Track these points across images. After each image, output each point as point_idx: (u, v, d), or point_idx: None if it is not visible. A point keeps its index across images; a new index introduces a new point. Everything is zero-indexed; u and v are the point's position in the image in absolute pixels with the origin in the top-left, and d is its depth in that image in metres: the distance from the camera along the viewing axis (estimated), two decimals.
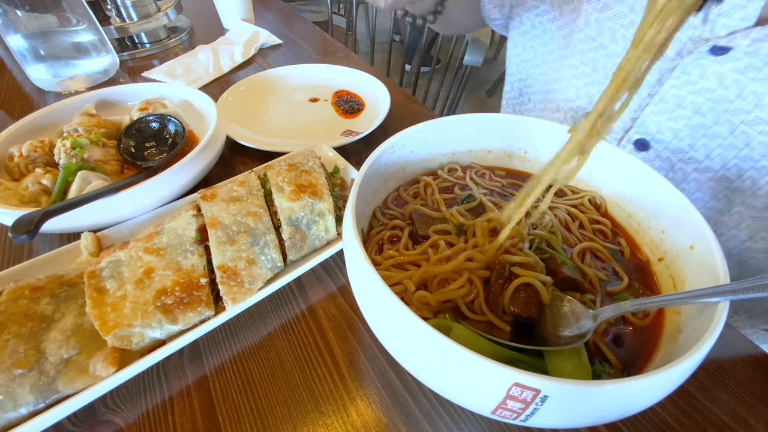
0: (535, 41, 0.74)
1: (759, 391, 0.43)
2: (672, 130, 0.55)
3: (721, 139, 0.52)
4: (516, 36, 0.77)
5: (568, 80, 0.65)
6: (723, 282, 0.33)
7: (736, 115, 0.50)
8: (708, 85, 0.50)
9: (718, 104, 0.50)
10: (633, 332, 0.39)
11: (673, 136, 0.56)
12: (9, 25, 0.85)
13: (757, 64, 0.46)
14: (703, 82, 0.50)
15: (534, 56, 0.75)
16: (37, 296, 0.43)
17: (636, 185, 0.46)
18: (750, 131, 0.49)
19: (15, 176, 0.63)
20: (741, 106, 0.49)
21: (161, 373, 0.45)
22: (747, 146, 0.50)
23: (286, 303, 0.52)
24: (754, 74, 0.47)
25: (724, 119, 0.51)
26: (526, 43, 0.75)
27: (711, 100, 0.50)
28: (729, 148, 0.52)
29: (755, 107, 0.48)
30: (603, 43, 0.58)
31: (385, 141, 0.46)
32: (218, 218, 0.50)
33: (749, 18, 0.45)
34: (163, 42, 1.14)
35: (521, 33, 0.75)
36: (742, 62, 0.47)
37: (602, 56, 0.59)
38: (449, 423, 0.41)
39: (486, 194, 0.50)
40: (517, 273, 0.39)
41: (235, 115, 0.83)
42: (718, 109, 0.51)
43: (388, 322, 0.34)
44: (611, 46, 0.58)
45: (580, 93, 0.65)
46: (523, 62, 0.78)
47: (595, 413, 0.29)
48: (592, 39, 0.59)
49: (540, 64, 0.75)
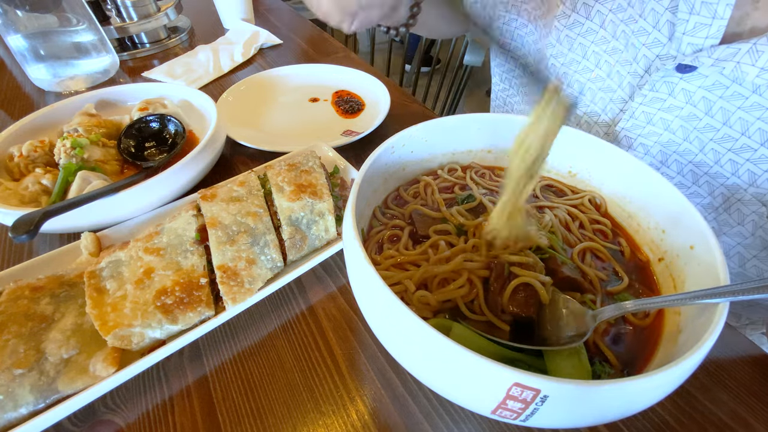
0: (509, 74, 0.75)
1: (759, 391, 0.43)
2: (643, 146, 0.55)
3: (692, 156, 0.52)
4: (493, 67, 0.77)
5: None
6: (723, 282, 0.33)
7: (705, 133, 0.50)
8: (676, 102, 0.50)
9: (687, 122, 0.50)
10: (633, 332, 0.39)
11: (644, 152, 0.56)
12: (9, 25, 0.85)
13: (724, 81, 0.46)
14: (671, 100, 0.50)
15: (514, 67, 0.76)
16: (37, 296, 0.43)
17: (636, 185, 0.46)
18: (719, 149, 0.49)
19: (15, 176, 0.63)
20: (710, 123, 0.49)
21: (161, 373, 0.45)
22: (717, 164, 0.50)
23: (286, 303, 0.52)
24: (722, 92, 0.46)
25: (694, 137, 0.51)
26: (503, 74, 0.76)
27: (680, 117, 0.50)
28: (700, 165, 0.52)
29: (723, 125, 0.48)
30: (575, 58, 0.58)
31: (385, 141, 0.46)
32: (218, 218, 0.50)
33: (714, 36, 0.44)
34: (163, 42, 1.14)
35: (496, 65, 0.76)
36: (709, 80, 0.47)
37: (574, 71, 0.59)
38: (449, 423, 0.41)
39: (486, 194, 0.50)
40: (516, 273, 0.39)
41: (235, 115, 0.83)
42: (687, 127, 0.51)
43: (388, 322, 0.34)
44: (584, 62, 0.58)
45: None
46: (504, 72, 0.79)
47: (595, 413, 0.29)
48: (564, 55, 0.59)
49: (520, 75, 0.75)
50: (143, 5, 1.07)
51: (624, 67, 0.53)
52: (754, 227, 0.51)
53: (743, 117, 0.46)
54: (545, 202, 0.50)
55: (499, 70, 0.81)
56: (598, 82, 0.57)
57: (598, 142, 0.48)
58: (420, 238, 0.46)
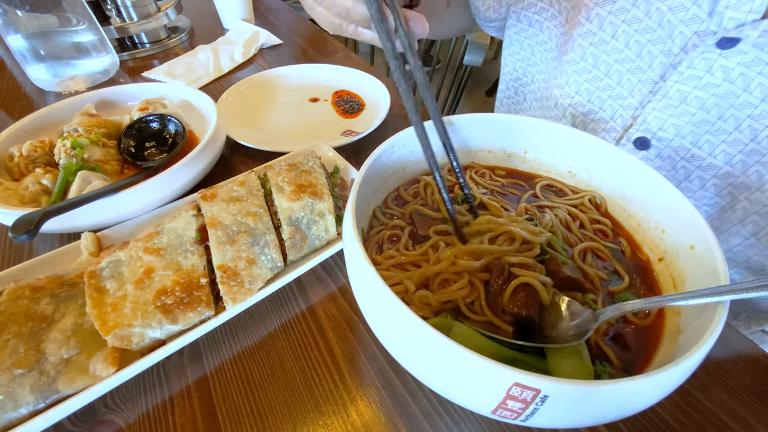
0: (532, 39, 0.73)
1: (759, 391, 0.43)
2: (675, 127, 0.55)
3: (725, 135, 0.52)
4: (512, 35, 0.76)
5: (568, 76, 0.65)
6: (723, 282, 0.33)
7: (742, 110, 0.49)
8: (713, 80, 0.50)
9: (724, 99, 0.50)
10: (634, 332, 0.39)
11: (675, 133, 0.55)
12: (9, 25, 0.85)
13: (764, 57, 0.46)
14: (708, 77, 0.50)
15: (531, 54, 0.75)
16: (37, 296, 0.43)
17: (636, 185, 0.46)
18: (756, 125, 0.49)
19: (15, 176, 0.63)
20: (748, 100, 0.49)
21: (161, 373, 0.45)
22: (753, 141, 0.50)
23: (286, 303, 0.52)
24: (761, 68, 0.47)
25: (729, 114, 0.50)
26: (523, 41, 0.75)
27: (716, 95, 0.50)
28: (734, 144, 0.51)
29: (762, 101, 0.48)
30: (604, 38, 0.58)
31: (385, 141, 0.46)
32: (218, 218, 0.50)
33: (757, 11, 0.45)
34: (163, 42, 1.14)
35: (518, 31, 0.75)
36: (749, 56, 0.47)
37: (602, 52, 0.59)
38: (449, 423, 0.41)
39: (486, 194, 0.50)
40: (516, 273, 0.39)
41: (235, 115, 0.83)
42: (723, 105, 0.50)
43: (388, 322, 0.34)
44: (612, 42, 0.57)
45: (580, 89, 0.64)
46: (519, 61, 0.78)
47: (595, 413, 0.29)
48: (593, 34, 0.59)
49: (538, 62, 0.74)
50: (143, 5, 1.07)
51: (656, 47, 0.53)
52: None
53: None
54: (545, 202, 0.50)
55: (512, 59, 0.80)
56: (626, 63, 0.57)
57: (598, 142, 0.48)
58: (420, 238, 0.46)
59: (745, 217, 0.55)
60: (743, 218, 0.55)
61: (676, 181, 0.58)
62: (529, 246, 0.42)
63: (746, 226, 0.55)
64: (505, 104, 0.87)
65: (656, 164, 0.59)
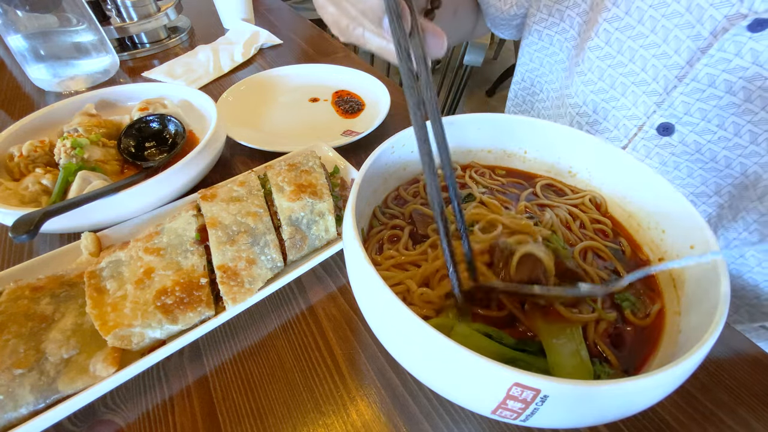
0: (541, 52, 0.74)
1: (759, 391, 0.43)
2: (701, 111, 0.55)
3: (751, 116, 0.52)
4: (524, 46, 0.77)
5: (591, 62, 0.65)
6: (723, 282, 0.33)
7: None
8: (742, 63, 0.50)
9: (751, 82, 0.50)
10: (633, 332, 0.39)
11: (701, 117, 0.55)
12: (9, 25, 0.85)
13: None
14: (737, 60, 0.50)
15: (540, 65, 0.75)
16: (37, 296, 0.43)
17: (636, 185, 0.46)
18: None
19: (15, 176, 0.63)
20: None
21: (161, 373, 0.45)
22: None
23: (286, 303, 0.52)
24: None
25: (756, 95, 0.51)
26: (533, 54, 0.76)
27: (744, 78, 0.51)
28: (760, 123, 0.52)
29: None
30: (630, 23, 0.58)
31: (385, 141, 0.46)
32: (218, 218, 0.50)
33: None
34: (163, 42, 1.14)
35: (528, 44, 0.76)
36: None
37: (628, 37, 0.59)
38: (449, 423, 0.41)
39: (486, 193, 0.50)
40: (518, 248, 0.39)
41: (235, 115, 0.83)
42: (750, 87, 0.51)
43: (388, 322, 0.34)
44: (639, 27, 0.57)
45: (587, 100, 0.64)
46: (528, 72, 0.79)
47: (595, 413, 0.29)
48: (620, 19, 0.59)
49: (547, 73, 0.75)
50: (143, 5, 1.07)
51: (684, 31, 0.53)
52: None
53: None
54: (545, 200, 0.50)
55: (522, 69, 0.80)
56: (651, 49, 0.57)
57: (598, 142, 0.48)
58: (420, 238, 0.46)
59: (765, 194, 0.55)
60: (763, 195, 0.55)
61: (701, 162, 0.58)
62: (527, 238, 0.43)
63: (764, 203, 0.55)
64: (512, 111, 0.87)
65: (679, 149, 0.59)
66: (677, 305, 0.38)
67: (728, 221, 0.59)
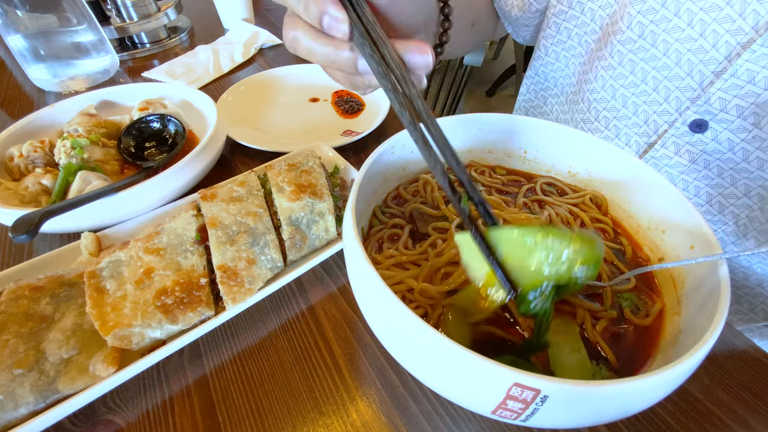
0: (558, 46, 0.72)
1: (759, 391, 0.43)
2: (738, 108, 0.53)
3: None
4: (541, 39, 0.75)
5: (604, 80, 0.64)
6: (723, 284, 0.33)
7: None
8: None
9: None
10: (633, 332, 0.39)
11: (738, 114, 0.54)
12: (9, 25, 0.85)
13: None
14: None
15: (556, 59, 0.74)
16: (37, 296, 0.44)
17: (636, 185, 0.46)
18: None
19: (15, 176, 0.63)
20: None
21: (161, 373, 0.45)
22: None
23: (286, 303, 0.52)
24: None
25: None
26: (549, 47, 0.74)
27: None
28: None
29: None
30: (666, 15, 0.56)
31: (385, 141, 0.46)
32: (218, 218, 0.50)
33: None
34: (163, 42, 1.14)
35: (545, 36, 0.74)
36: None
37: (663, 30, 0.57)
38: (449, 423, 0.41)
39: (485, 191, 0.51)
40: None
41: (235, 115, 0.83)
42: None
43: (388, 322, 0.34)
44: (675, 20, 0.55)
45: (616, 94, 0.63)
46: (543, 66, 0.77)
47: (596, 413, 0.29)
48: (655, 11, 0.57)
49: (563, 68, 0.74)
50: (143, 5, 1.07)
51: (723, 25, 0.52)
52: None
53: None
54: (545, 198, 0.50)
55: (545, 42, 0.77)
56: (687, 43, 0.55)
57: (597, 142, 0.48)
58: (421, 237, 0.46)
59: None
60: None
61: (733, 162, 0.57)
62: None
63: None
64: (523, 107, 0.86)
65: (711, 147, 0.57)
66: (677, 305, 0.38)
67: (760, 224, 0.58)
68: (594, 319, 0.39)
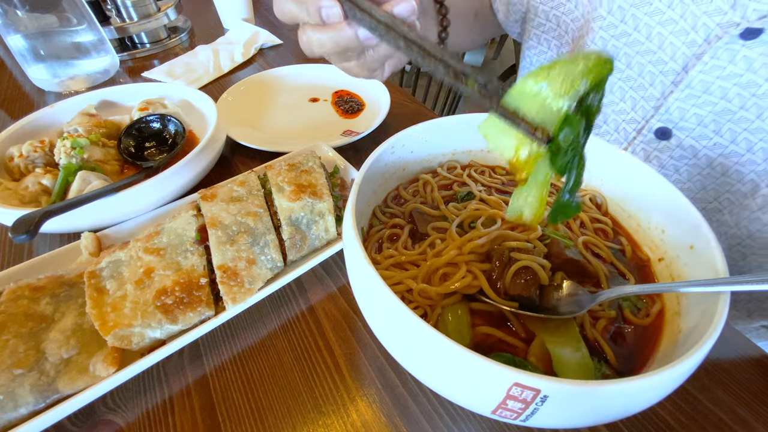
0: (541, 56, 0.74)
1: (759, 391, 0.43)
2: (697, 117, 0.55)
3: (747, 123, 0.52)
4: (525, 50, 0.77)
5: None
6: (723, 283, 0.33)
7: (764, 99, 0.50)
8: (736, 70, 0.50)
9: (746, 89, 0.50)
10: (633, 332, 0.39)
11: (697, 122, 0.55)
12: (9, 25, 0.85)
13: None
14: (731, 67, 0.50)
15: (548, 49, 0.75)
16: (37, 296, 0.43)
17: (636, 185, 0.46)
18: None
19: (15, 176, 0.63)
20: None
21: (161, 373, 0.45)
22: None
23: (286, 303, 0.52)
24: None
25: (752, 103, 0.51)
26: (533, 57, 0.76)
27: (738, 85, 0.50)
28: (756, 132, 0.52)
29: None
30: (626, 30, 0.58)
31: (385, 141, 0.46)
32: (218, 218, 0.50)
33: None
34: (163, 42, 1.14)
35: (528, 47, 0.76)
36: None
37: (624, 44, 0.59)
38: (449, 423, 0.41)
39: (485, 191, 0.51)
40: (516, 258, 0.40)
41: (235, 115, 0.83)
42: (745, 94, 0.51)
43: (388, 322, 0.34)
44: (634, 34, 0.57)
45: None
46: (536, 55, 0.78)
47: (595, 413, 0.29)
48: (615, 26, 0.59)
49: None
50: (143, 5, 1.07)
51: (679, 38, 0.53)
52: None
53: None
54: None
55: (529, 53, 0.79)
56: (647, 55, 0.57)
57: (597, 142, 0.48)
58: (420, 236, 0.46)
59: (765, 204, 0.55)
60: (763, 205, 0.55)
61: (698, 168, 0.58)
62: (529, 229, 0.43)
63: (766, 214, 0.55)
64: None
65: (677, 153, 0.59)
66: (677, 305, 0.38)
67: (729, 228, 0.59)
68: (593, 320, 0.39)
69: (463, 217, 0.46)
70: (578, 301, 0.38)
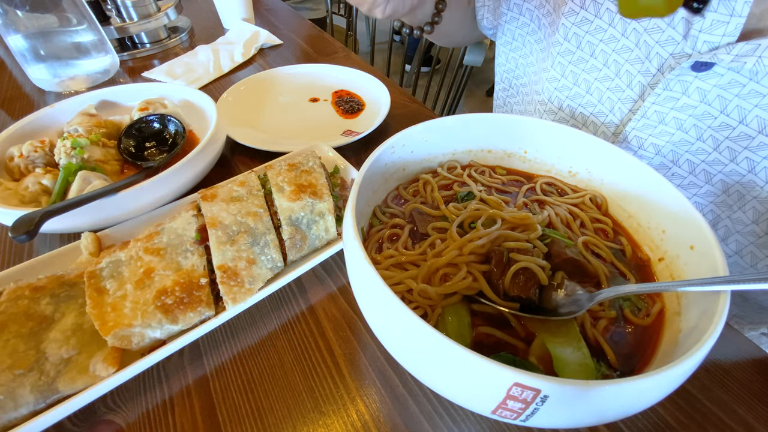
0: (515, 52, 0.74)
1: (759, 391, 0.43)
2: (654, 146, 0.55)
3: (705, 155, 0.51)
4: (500, 46, 0.77)
5: (550, 92, 0.65)
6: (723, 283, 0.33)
7: (720, 131, 0.49)
8: (690, 101, 0.49)
9: (701, 120, 0.50)
10: (633, 331, 0.39)
11: (655, 152, 0.55)
12: (9, 25, 0.85)
13: (741, 80, 0.45)
14: (685, 99, 0.49)
15: (515, 66, 0.76)
16: (37, 296, 0.43)
17: (636, 185, 0.46)
18: (735, 147, 0.49)
19: (15, 176, 0.63)
20: (725, 122, 0.48)
21: (161, 373, 0.45)
22: (732, 162, 0.50)
23: (286, 303, 0.52)
24: (738, 90, 0.46)
25: (708, 135, 0.50)
26: (508, 54, 0.76)
27: (693, 116, 0.50)
28: (714, 164, 0.51)
29: (740, 123, 0.47)
30: (583, 57, 0.58)
31: (385, 141, 0.46)
32: (218, 218, 0.50)
33: (731, 34, 0.44)
34: (163, 42, 1.14)
35: (503, 43, 0.76)
36: (725, 78, 0.46)
37: (582, 70, 0.59)
38: (449, 423, 0.41)
39: (485, 191, 0.51)
40: (515, 258, 0.40)
41: (235, 115, 0.83)
42: (701, 126, 0.50)
43: (388, 322, 0.34)
44: (591, 60, 0.57)
45: (563, 105, 0.65)
46: (505, 72, 0.79)
47: (595, 413, 0.29)
48: (572, 53, 0.59)
49: (521, 75, 0.75)
50: (143, 5, 1.07)
51: (634, 66, 0.53)
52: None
53: (760, 115, 0.46)
54: (545, 198, 0.50)
55: (500, 70, 0.81)
56: (606, 82, 0.57)
57: (597, 142, 0.48)
58: (420, 236, 0.46)
59: (727, 236, 0.55)
60: (725, 237, 0.55)
61: None
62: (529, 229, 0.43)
63: (729, 245, 0.55)
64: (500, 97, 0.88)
65: None
66: (677, 305, 0.38)
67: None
68: (594, 320, 0.39)
69: (463, 217, 0.46)
70: (578, 301, 0.38)
